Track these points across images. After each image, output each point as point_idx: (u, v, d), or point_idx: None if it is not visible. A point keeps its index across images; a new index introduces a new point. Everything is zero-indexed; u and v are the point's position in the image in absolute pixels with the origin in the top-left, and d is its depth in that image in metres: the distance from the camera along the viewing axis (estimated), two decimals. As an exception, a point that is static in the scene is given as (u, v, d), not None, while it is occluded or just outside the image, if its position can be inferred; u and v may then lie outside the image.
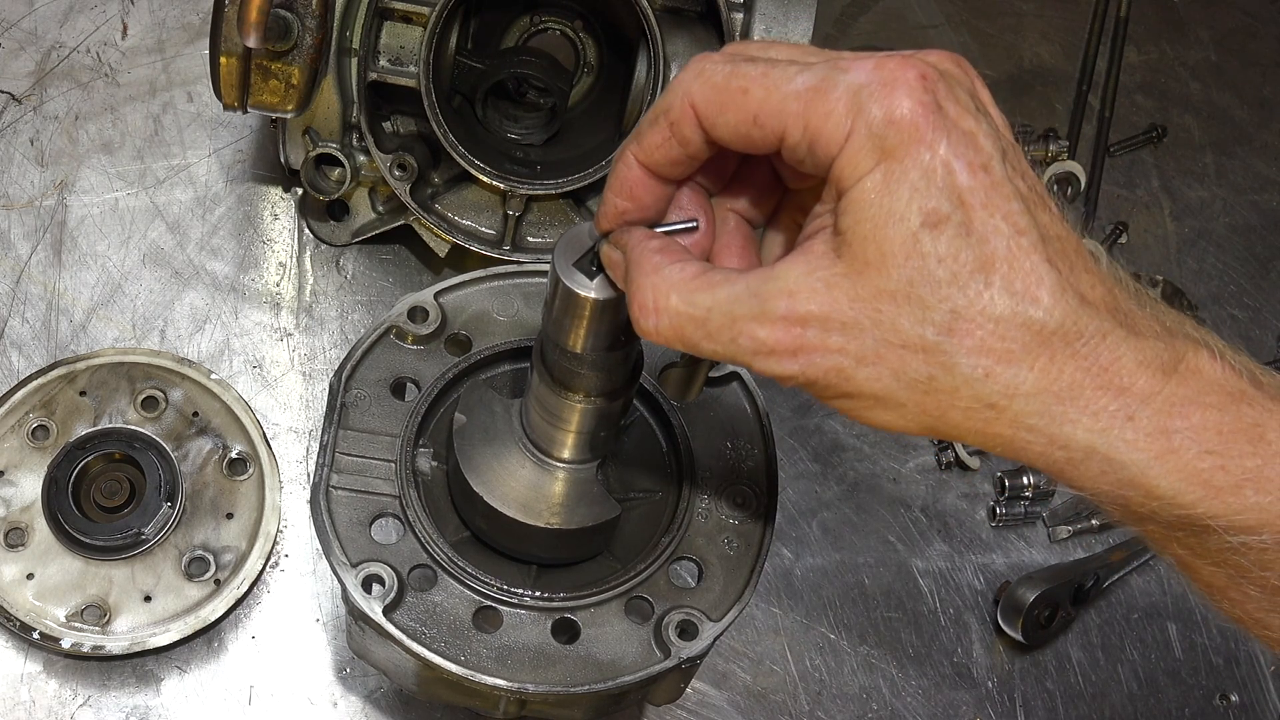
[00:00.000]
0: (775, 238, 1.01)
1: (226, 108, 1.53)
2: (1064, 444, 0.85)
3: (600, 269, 1.06)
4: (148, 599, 1.55)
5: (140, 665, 1.56)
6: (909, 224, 0.83)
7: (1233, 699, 1.70)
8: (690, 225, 1.00)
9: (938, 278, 0.83)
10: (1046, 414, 0.84)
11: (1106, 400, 0.84)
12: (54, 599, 1.54)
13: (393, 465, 1.30)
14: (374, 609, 1.23)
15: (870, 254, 0.84)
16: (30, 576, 1.55)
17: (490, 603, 1.26)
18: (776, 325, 0.86)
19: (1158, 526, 0.89)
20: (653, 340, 0.92)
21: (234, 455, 1.62)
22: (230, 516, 1.59)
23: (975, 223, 0.83)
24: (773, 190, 0.99)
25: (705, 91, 0.88)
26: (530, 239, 1.71)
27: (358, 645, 1.39)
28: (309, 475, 1.67)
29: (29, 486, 1.58)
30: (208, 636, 1.58)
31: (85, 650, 1.52)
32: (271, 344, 1.75)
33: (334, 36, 1.56)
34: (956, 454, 1.77)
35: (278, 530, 1.60)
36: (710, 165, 0.96)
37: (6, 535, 1.56)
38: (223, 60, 1.48)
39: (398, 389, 1.35)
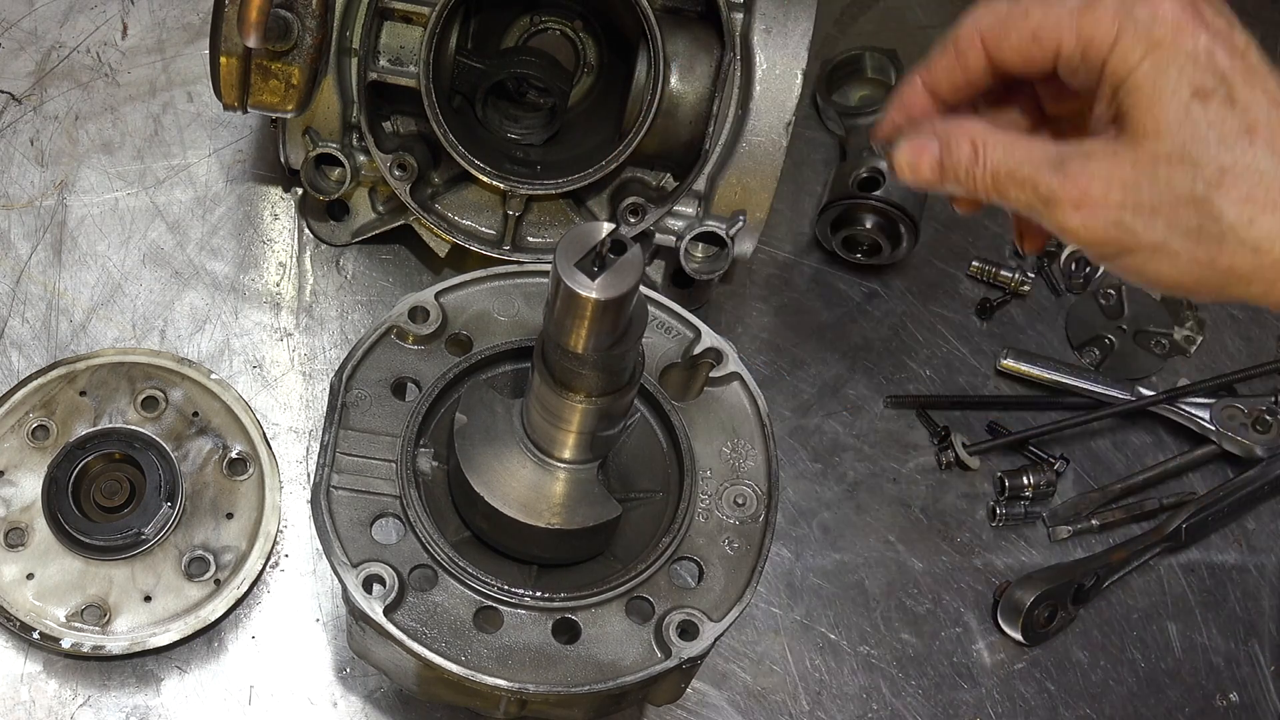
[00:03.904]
0: None
1: (226, 108, 1.53)
2: None
3: (601, 269, 1.07)
4: (148, 599, 1.55)
5: (140, 665, 1.56)
6: (1181, 96, 0.98)
7: (1233, 699, 1.70)
8: None
9: (1208, 140, 0.98)
10: None
11: None
12: (54, 599, 1.54)
13: (393, 465, 1.30)
14: (374, 609, 1.23)
15: (1149, 125, 0.99)
16: (30, 576, 1.55)
17: (491, 603, 1.26)
18: (1072, 179, 1.02)
19: None
20: (956, 178, 1.07)
21: (234, 455, 1.62)
22: (230, 516, 1.59)
23: (1239, 95, 0.98)
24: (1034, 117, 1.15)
25: (990, 19, 1.06)
26: (530, 239, 1.71)
27: (358, 645, 1.39)
28: (309, 475, 1.67)
29: (29, 486, 1.58)
30: (208, 636, 1.58)
31: (85, 650, 1.52)
32: (271, 344, 1.75)
33: (334, 36, 1.56)
34: (956, 454, 1.77)
35: (278, 530, 1.60)
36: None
37: (6, 535, 1.56)
38: (223, 60, 1.48)
39: (398, 389, 1.35)
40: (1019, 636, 1.67)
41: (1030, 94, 1.15)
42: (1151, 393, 1.80)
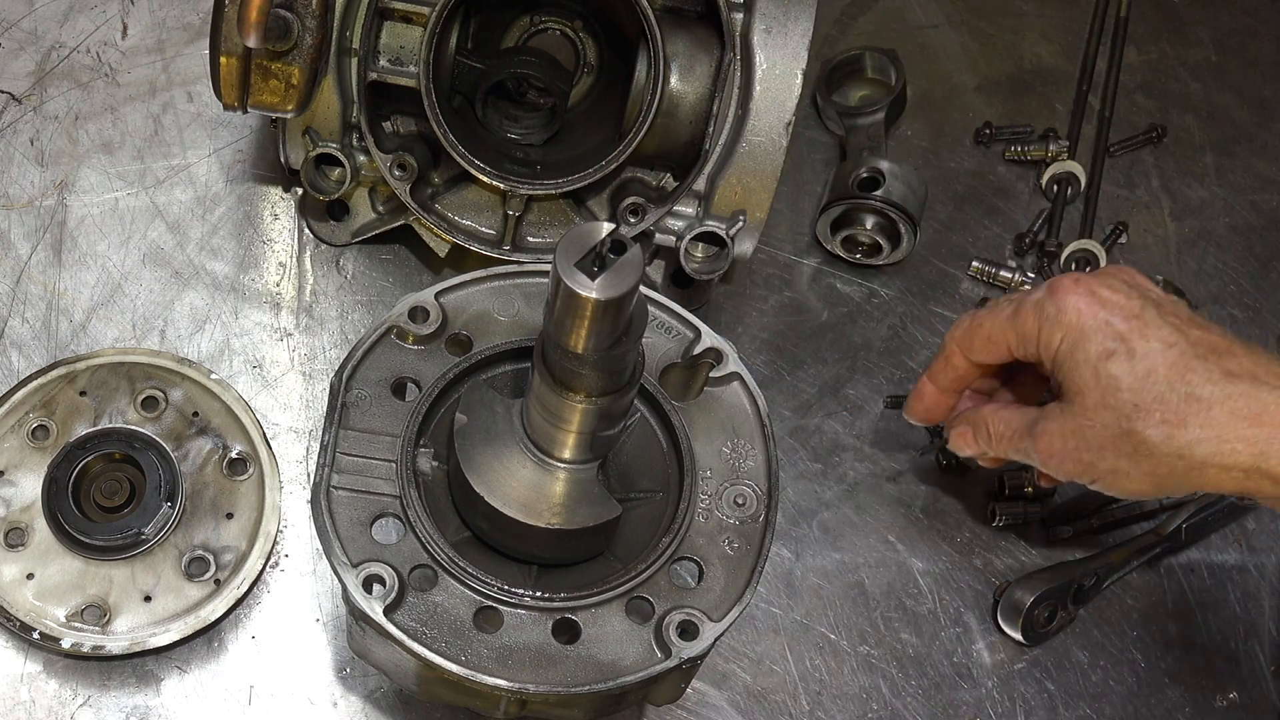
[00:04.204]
0: None
1: (226, 108, 1.53)
2: (1232, 467, 1.25)
3: (601, 269, 1.07)
4: (148, 599, 1.55)
5: (140, 665, 1.56)
6: (1091, 361, 1.29)
7: (1233, 699, 1.70)
8: None
9: (1119, 387, 1.27)
10: (1218, 452, 1.24)
11: (1254, 433, 1.24)
12: (54, 599, 1.54)
13: (393, 465, 1.30)
14: (375, 609, 1.23)
15: (1075, 386, 1.30)
16: (30, 576, 1.55)
17: (491, 603, 1.26)
18: (1038, 440, 1.36)
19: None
20: (985, 449, 1.46)
21: (234, 455, 1.62)
22: (230, 516, 1.59)
23: (1136, 348, 1.27)
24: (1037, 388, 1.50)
25: (959, 333, 1.43)
26: (530, 239, 1.71)
27: (358, 645, 1.39)
28: (309, 475, 1.67)
29: (29, 486, 1.58)
30: (208, 636, 1.58)
31: (85, 650, 1.52)
32: (271, 344, 1.75)
33: (334, 36, 1.56)
34: (957, 454, 1.76)
35: (278, 530, 1.60)
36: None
37: (6, 535, 1.56)
38: (223, 60, 1.48)
39: (398, 389, 1.35)
40: (1019, 636, 1.67)
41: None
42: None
